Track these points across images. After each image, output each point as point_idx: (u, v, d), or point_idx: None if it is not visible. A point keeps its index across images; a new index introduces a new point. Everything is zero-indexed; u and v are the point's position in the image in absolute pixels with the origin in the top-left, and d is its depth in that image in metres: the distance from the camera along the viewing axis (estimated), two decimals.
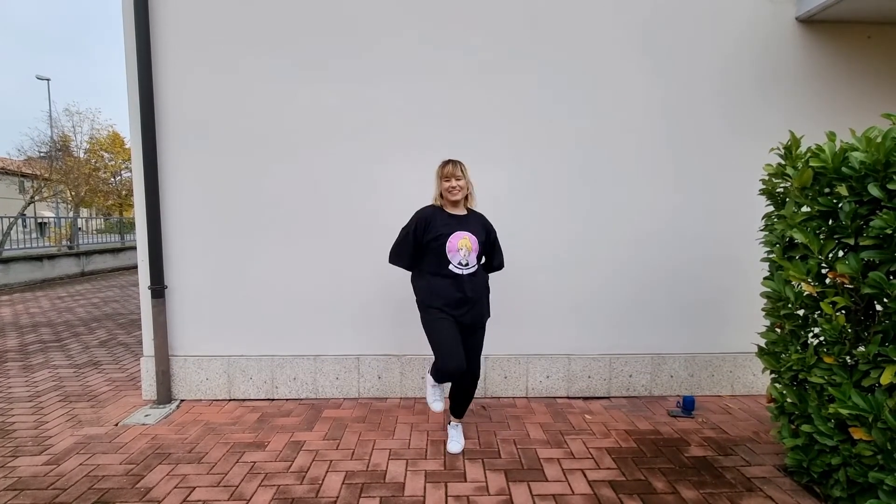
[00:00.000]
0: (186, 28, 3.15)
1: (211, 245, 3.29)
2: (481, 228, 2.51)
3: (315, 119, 3.22)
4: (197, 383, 3.37)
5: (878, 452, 1.84)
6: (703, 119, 3.29)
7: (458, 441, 2.66)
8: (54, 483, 2.31)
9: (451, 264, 2.39)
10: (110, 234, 16.63)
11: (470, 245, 2.40)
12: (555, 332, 3.40)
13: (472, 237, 2.41)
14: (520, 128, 3.26)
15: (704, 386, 3.45)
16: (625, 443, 2.73)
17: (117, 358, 4.45)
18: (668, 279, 3.37)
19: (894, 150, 1.77)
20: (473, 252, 2.42)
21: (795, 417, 2.29)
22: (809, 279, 2.07)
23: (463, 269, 2.40)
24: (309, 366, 3.38)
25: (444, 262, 2.39)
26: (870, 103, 3.25)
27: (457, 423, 2.74)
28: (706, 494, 2.21)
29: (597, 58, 3.23)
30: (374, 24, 3.17)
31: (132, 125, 3.16)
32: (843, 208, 1.93)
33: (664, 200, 3.32)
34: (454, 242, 2.37)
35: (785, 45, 3.27)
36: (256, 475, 2.39)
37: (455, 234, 2.38)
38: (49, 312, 6.79)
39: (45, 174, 14.17)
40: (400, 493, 2.22)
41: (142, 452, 2.62)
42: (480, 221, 2.54)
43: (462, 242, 2.39)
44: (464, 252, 2.39)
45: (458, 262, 2.39)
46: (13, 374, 3.99)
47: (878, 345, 1.85)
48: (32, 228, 14.96)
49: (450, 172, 2.40)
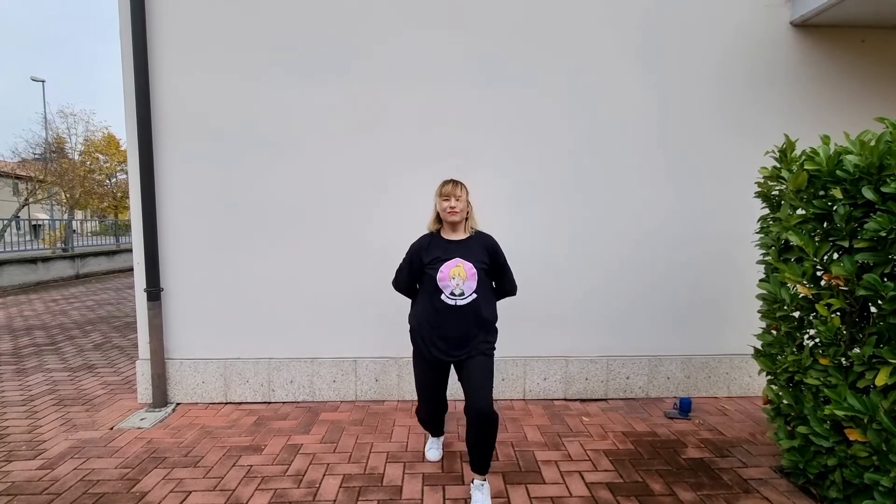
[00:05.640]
0: (184, 29, 3.14)
1: (207, 248, 3.28)
2: (482, 252, 2.24)
3: (314, 121, 3.22)
4: (193, 386, 3.35)
5: (873, 453, 1.86)
6: (698, 122, 3.31)
7: None
8: (48, 488, 2.29)
9: (443, 294, 2.17)
10: (105, 236, 16.52)
11: (464, 273, 2.15)
12: (552, 335, 3.40)
13: (468, 264, 2.17)
14: (518, 131, 3.27)
15: (701, 387, 3.46)
16: (622, 445, 2.74)
17: (112, 361, 4.42)
18: (665, 282, 3.38)
19: (888, 153, 1.79)
20: (470, 280, 2.16)
21: (791, 419, 2.30)
22: (805, 281, 2.08)
23: (456, 299, 2.16)
24: (306, 368, 3.37)
25: (437, 292, 2.18)
26: (864, 107, 3.28)
27: (481, 482, 2.18)
28: (703, 496, 2.22)
29: (595, 63, 3.25)
30: (374, 30, 3.17)
31: (128, 126, 3.14)
32: (838, 211, 1.94)
33: (661, 203, 3.34)
34: (445, 272, 2.16)
35: (780, 49, 3.29)
36: (253, 479, 2.38)
37: (447, 263, 2.18)
38: (43, 315, 6.74)
39: (40, 176, 14.09)
40: (398, 497, 2.22)
41: (137, 456, 2.60)
42: (483, 245, 2.27)
43: (454, 271, 2.16)
44: (457, 281, 2.16)
45: (451, 292, 2.16)
46: (7, 377, 3.95)
47: (873, 346, 1.86)
48: (26, 230, 14.84)
49: (449, 192, 2.20)
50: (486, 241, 2.29)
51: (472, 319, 2.18)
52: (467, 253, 2.21)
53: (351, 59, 3.19)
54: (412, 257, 2.31)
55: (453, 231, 2.28)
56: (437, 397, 2.37)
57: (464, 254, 2.20)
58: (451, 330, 2.18)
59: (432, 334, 2.21)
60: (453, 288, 2.17)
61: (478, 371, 2.15)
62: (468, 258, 2.19)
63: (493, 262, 2.27)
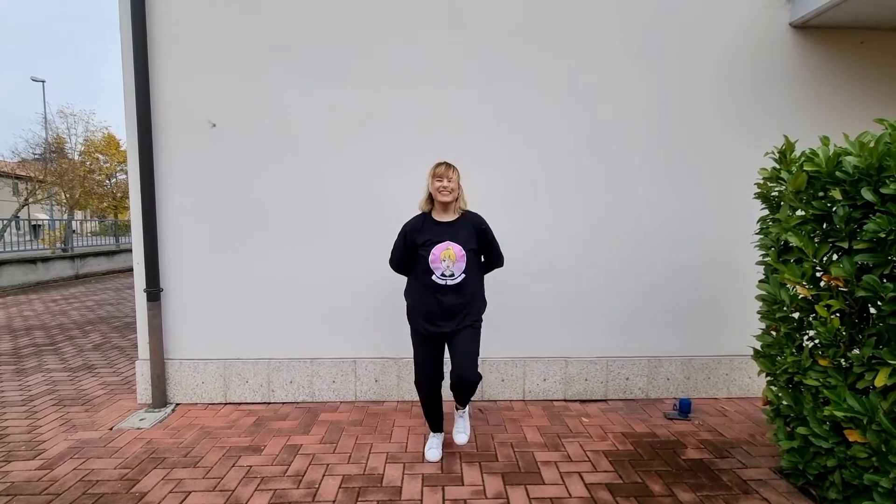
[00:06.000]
0: (184, 29, 3.14)
1: (207, 248, 3.28)
2: (471, 232, 2.44)
3: (315, 121, 3.22)
4: (193, 387, 3.35)
5: (872, 454, 1.86)
6: (698, 122, 3.31)
7: (464, 432, 2.65)
8: (48, 488, 2.29)
9: (434, 275, 2.38)
10: (105, 236, 16.51)
11: (454, 255, 2.36)
12: (552, 335, 3.40)
13: (457, 246, 2.37)
14: (518, 131, 3.27)
15: (701, 388, 3.46)
16: (622, 445, 2.74)
17: (112, 361, 4.42)
18: (665, 282, 3.38)
19: (887, 154, 1.79)
20: (459, 262, 2.37)
21: (791, 420, 2.30)
22: (804, 282, 2.08)
23: (447, 279, 2.37)
24: (305, 369, 3.37)
25: (429, 273, 2.38)
26: (863, 108, 3.28)
27: (463, 411, 2.70)
28: (703, 497, 2.22)
29: (595, 63, 3.25)
30: (374, 30, 3.18)
31: (128, 126, 3.15)
32: (837, 212, 1.95)
33: (660, 203, 3.34)
34: (437, 254, 2.36)
35: (779, 51, 3.30)
36: (252, 479, 2.38)
37: (438, 246, 2.37)
38: (43, 315, 6.73)
39: (40, 176, 14.09)
40: (397, 497, 2.22)
41: (137, 457, 2.60)
42: (471, 223, 2.47)
43: (445, 253, 2.36)
44: (447, 263, 2.36)
45: (442, 273, 2.37)
46: (6, 377, 3.95)
47: (873, 347, 1.86)
48: (26, 231, 14.84)
49: (442, 172, 2.38)
50: (474, 220, 2.49)
51: (461, 297, 2.40)
52: (457, 236, 2.40)
53: (351, 59, 3.19)
54: (405, 236, 2.49)
55: (444, 211, 2.45)
56: (434, 369, 2.54)
57: (454, 236, 2.39)
58: (443, 306, 2.39)
59: (425, 311, 2.43)
60: (444, 269, 2.37)
61: (465, 344, 2.42)
62: (458, 241, 2.39)
63: (481, 241, 2.49)
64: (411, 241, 2.45)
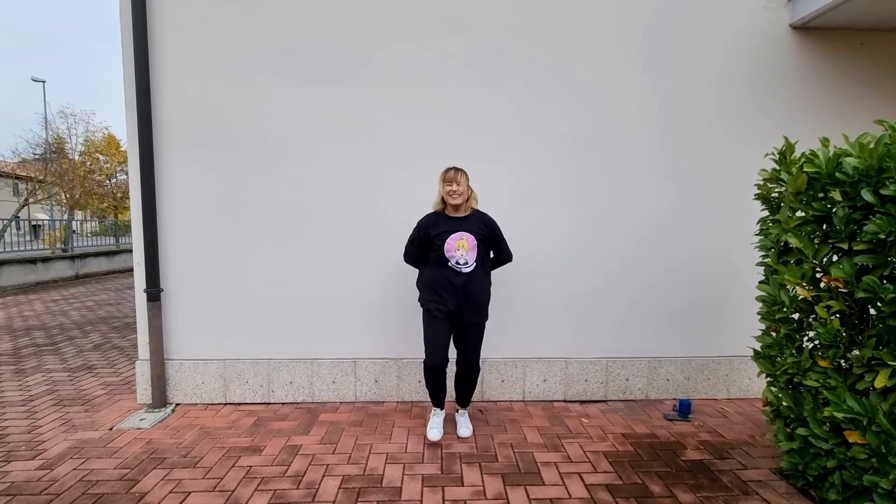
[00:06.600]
0: (185, 31, 3.15)
1: (207, 248, 3.28)
2: (481, 226, 2.68)
3: (315, 121, 3.22)
4: (193, 387, 3.35)
5: (872, 455, 1.86)
6: (698, 123, 3.31)
7: (466, 426, 2.86)
8: (47, 488, 2.29)
9: (450, 262, 2.63)
10: (105, 236, 16.51)
11: (467, 245, 2.61)
12: (552, 336, 3.40)
13: (470, 236, 2.62)
14: (518, 131, 3.27)
15: (701, 389, 3.46)
16: (622, 446, 2.74)
17: (112, 362, 4.42)
18: (665, 282, 3.38)
19: (887, 155, 1.79)
20: (472, 251, 2.62)
21: (791, 421, 2.30)
22: (804, 283, 2.08)
23: (462, 267, 2.62)
24: (305, 369, 3.37)
25: (444, 261, 2.63)
26: (863, 109, 3.28)
27: (463, 412, 2.94)
28: (703, 498, 2.22)
29: (595, 63, 3.25)
30: (375, 30, 3.18)
31: (128, 126, 3.14)
32: (837, 213, 1.95)
33: (660, 203, 3.34)
34: (451, 243, 2.61)
35: (779, 51, 3.30)
36: (252, 480, 2.38)
37: (453, 236, 2.61)
38: (43, 316, 6.74)
39: (40, 176, 14.09)
40: (397, 498, 2.22)
41: (136, 457, 2.60)
42: (481, 220, 2.71)
43: (459, 243, 2.61)
44: (461, 252, 2.61)
45: (457, 261, 2.62)
46: (6, 377, 3.95)
47: (872, 348, 1.86)
48: (26, 231, 14.83)
49: (451, 178, 2.62)
50: (483, 217, 2.75)
51: (472, 284, 2.65)
52: (469, 227, 2.66)
53: (351, 60, 3.19)
54: (420, 232, 2.73)
55: (455, 211, 2.69)
56: (443, 348, 2.70)
57: (466, 228, 2.65)
58: (456, 291, 2.63)
59: (440, 296, 2.65)
60: (458, 258, 2.62)
61: (471, 340, 2.76)
62: (470, 231, 2.64)
63: (490, 233, 2.72)
64: (426, 234, 2.69)
